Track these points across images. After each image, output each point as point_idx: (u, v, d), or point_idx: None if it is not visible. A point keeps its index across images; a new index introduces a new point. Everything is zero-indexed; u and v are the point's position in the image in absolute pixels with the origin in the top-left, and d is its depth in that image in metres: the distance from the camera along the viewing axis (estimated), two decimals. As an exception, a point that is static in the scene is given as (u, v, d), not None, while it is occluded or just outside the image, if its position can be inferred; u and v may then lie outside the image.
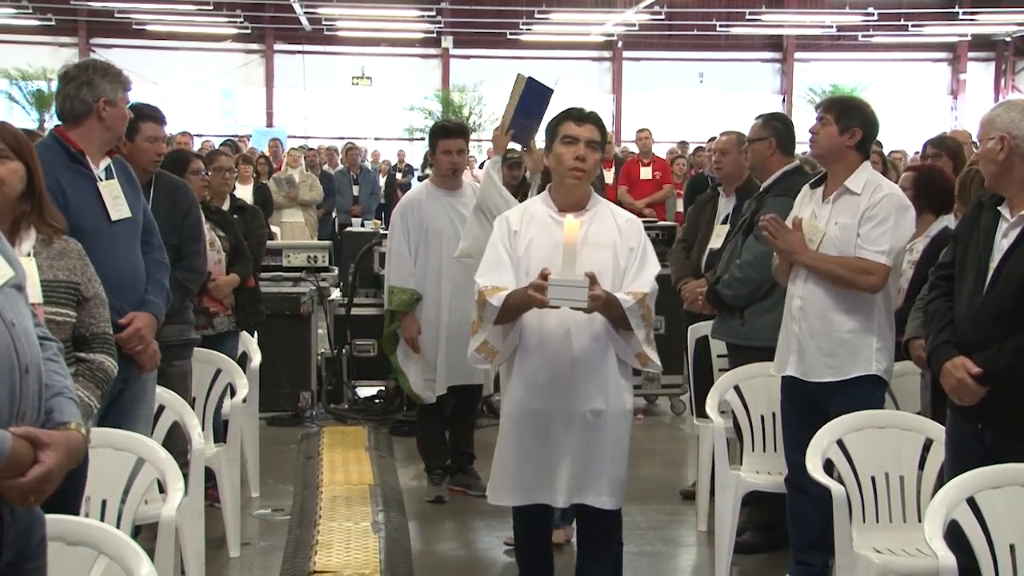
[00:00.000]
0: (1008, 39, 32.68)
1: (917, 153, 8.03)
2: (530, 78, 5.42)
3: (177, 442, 4.50)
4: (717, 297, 5.47)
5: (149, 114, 5.00)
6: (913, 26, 30.34)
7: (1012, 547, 3.47)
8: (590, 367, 3.98)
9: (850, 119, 4.62)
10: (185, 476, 3.96)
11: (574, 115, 4.05)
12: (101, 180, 4.23)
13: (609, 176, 12.71)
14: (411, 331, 6.08)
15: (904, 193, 5.00)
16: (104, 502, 3.73)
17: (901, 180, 5.45)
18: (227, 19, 29.80)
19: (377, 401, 8.35)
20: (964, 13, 29.84)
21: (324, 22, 30.19)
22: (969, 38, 32.50)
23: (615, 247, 4.00)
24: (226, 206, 6.68)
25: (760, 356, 5.03)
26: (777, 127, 5.57)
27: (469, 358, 4.06)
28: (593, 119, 4.05)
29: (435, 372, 6.10)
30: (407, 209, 6.15)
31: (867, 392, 4.57)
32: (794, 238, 4.60)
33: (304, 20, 29.72)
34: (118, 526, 3.61)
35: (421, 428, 6.47)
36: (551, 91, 5.43)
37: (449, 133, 6.07)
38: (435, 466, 6.34)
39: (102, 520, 3.58)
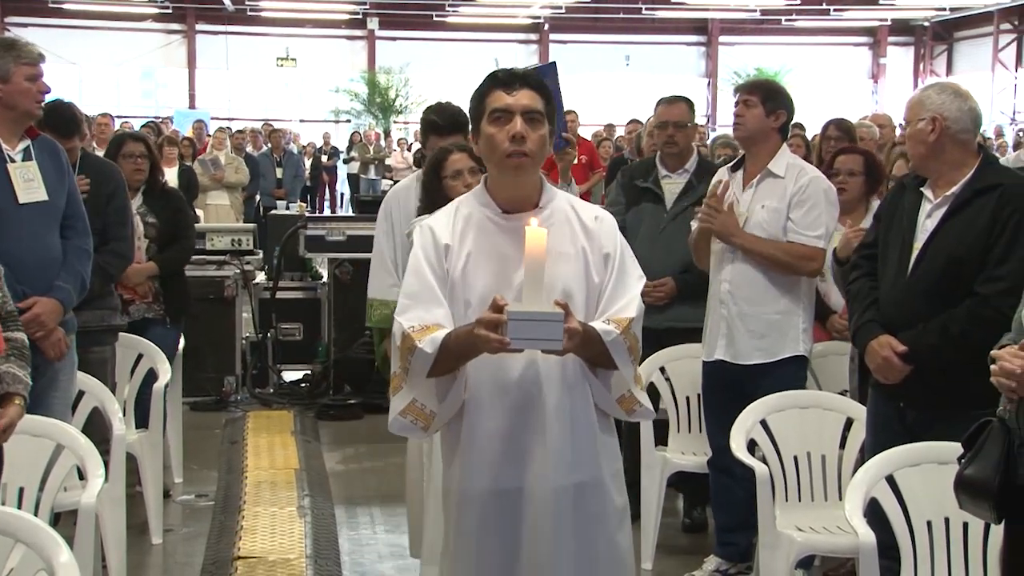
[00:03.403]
0: (926, 24, 33.24)
1: (815, 136, 8.07)
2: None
3: (99, 428, 4.43)
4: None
5: (50, 123, 4.81)
6: (835, 11, 30.74)
7: (929, 523, 3.54)
8: (571, 425, 2.89)
9: (775, 102, 4.67)
10: (106, 463, 3.91)
11: (501, 80, 2.95)
12: (14, 161, 4.13)
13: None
14: None
15: (854, 179, 5.11)
16: (21, 489, 3.67)
17: (848, 163, 5.35)
18: (147, -2, 29.35)
19: (303, 385, 8.31)
20: (884, -2, 30.33)
21: (247, 2, 29.81)
22: (889, 23, 33.02)
23: (584, 256, 2.93)
24: (137, 201, 5.96)
25: None
26: (694, 111, 5.59)
27: (392, 424, 2.93)
28: (529, 80, 2.94)
29: None
30: (392, 204, 4.99)
31: (794, 372, 4.65)
32: (731, 220, 4.63)
33: (227, 0, 29.33)
34: (36, 514, 3.54)
35: None
36: (544, 67, 4.27)
37: (441, 130, 4.90)
38: None
39: (19, 508, 3.51)
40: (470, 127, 3.05)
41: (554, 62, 4.56)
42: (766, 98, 4.66)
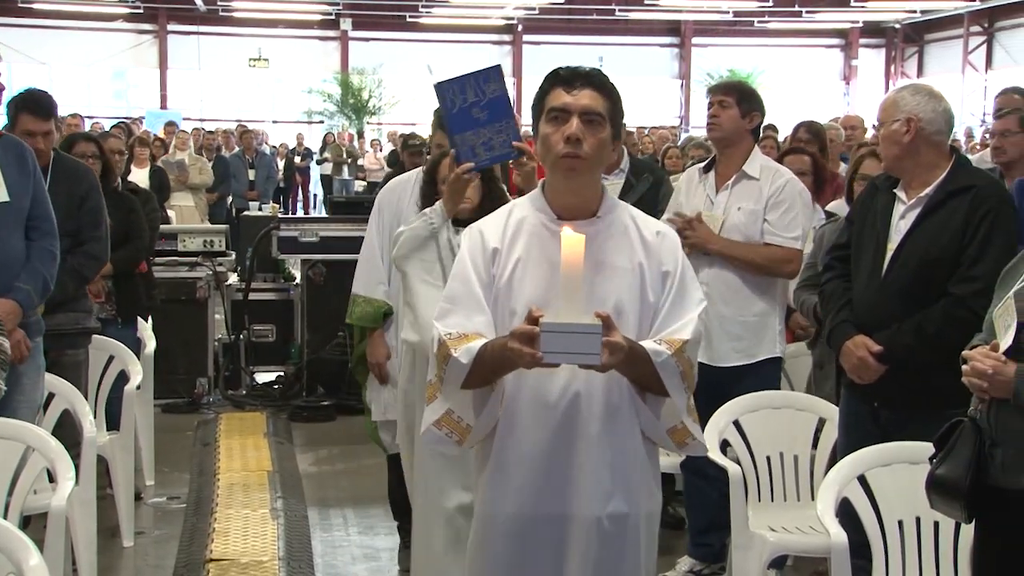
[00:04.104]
0: (897, 26, 33.46)
1: (787, 138, 8.14)
2: (438, 84, 3.94)
3: (69, 431, 4.39)
4: None
5: (26, 106, 4.79)
6: (807, 13, 30.90)
7: (900, 523, 3.56)
8: (611, 452, 2.72)
9: (750, 104, 4.69)
10: (77, 465, 3.88)
11: (563, 78, 2.77)
12: None
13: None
14: (378, 355, 4.75)
15: (804, 178, 5.15)
16: (-10, 493, 3.64)
17: (796, 163, 5.46)
18: (118, -2, 29.16)
19: (276, 387, 8.27)
20: (855, 0, 30.46)
21: (219, 2, 29.67)
22: (860, 25, 33.23)
23: (641, 271, 2.75)
24: None
25: None
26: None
27: (424, 435, 2.79)
28: (592, 79, 2.76)
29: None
30: (384, 201, 4.84)
31: (771, 373, 4.69)
32: (705, 230, 4.65)
33: (199, 0, 29.19)
34: (5, 517, 3.51)
35: (391, 481, 5.09)
36: (485, 72, 3.97)
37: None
38: (409, 529, 4.62)
39: (-11, 512, 3.49)
40: (532, 125, 2.84)
41: (498, 65, 4.10)
42: (741, 99, 4.68)
